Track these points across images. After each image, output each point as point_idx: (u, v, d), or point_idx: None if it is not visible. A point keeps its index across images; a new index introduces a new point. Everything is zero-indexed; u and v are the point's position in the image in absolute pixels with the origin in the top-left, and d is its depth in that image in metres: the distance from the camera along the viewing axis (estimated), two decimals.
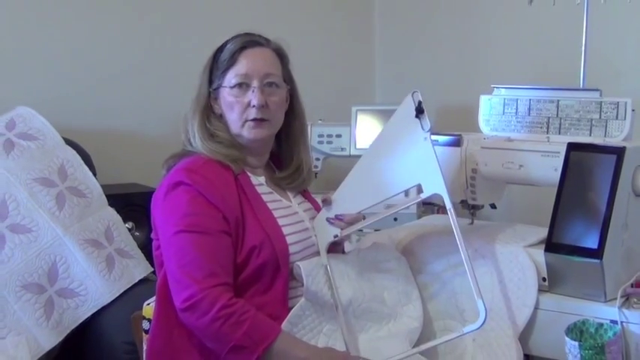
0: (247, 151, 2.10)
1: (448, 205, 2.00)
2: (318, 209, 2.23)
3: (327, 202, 2.17)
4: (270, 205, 2.07)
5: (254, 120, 2.05)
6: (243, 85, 2.05)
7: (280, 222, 2.05)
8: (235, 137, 2.08)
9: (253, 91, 2.05)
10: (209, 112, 2.09)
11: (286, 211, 2.11)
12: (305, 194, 2.25)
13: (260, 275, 1.98)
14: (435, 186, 2.02)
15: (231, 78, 2.06)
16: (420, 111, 2.05)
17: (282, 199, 2.13)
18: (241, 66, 2.06)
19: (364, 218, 2.12)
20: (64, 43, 2.96)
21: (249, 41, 2.08)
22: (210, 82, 2.09)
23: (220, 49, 2.09)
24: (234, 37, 2.09)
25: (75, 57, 2.98)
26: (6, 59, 2.87)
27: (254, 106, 2.04)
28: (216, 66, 2.08)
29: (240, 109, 2.06)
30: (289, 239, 2.03)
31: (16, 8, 2.87)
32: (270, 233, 2.00)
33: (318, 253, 2.11)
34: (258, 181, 2.11)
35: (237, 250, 1.97)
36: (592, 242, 2.06)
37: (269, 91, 2.07)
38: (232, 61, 2.06)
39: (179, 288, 1.91)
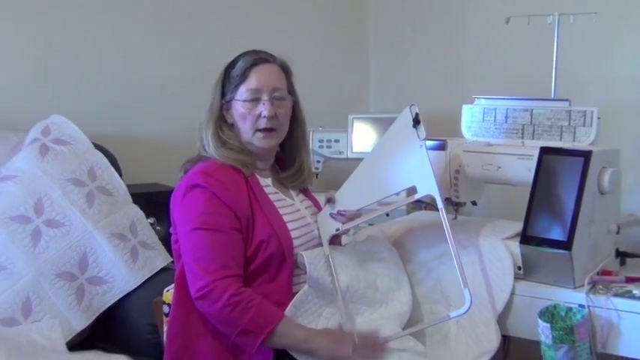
0: (256, 156, 2.10)
1: (440, 205, 2.00)
2: (317, 206, 2.23)
3: (331, 200, 2.17)
4: (276, 204, 2.08)
5: (264, 130, 2.06)
6: (254, 99, 2.06)
7: (285, 218, 2.05)
8: (246, 144, 2.08)
9: (264, 104, 2.05)
10: (221, 122, 2.09)
11: (290, 208, 2.11)
12: (306, 193, 2.25)
13: (268, 266, 1.98)
14: (428, 188, 2.03)
15: (243, 92, 2.06)
16: (416, 122, 2.05)
17: (286, 198, 2.13)
18: (252, 81, 2.06)
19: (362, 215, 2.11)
20: (93, 59, 2.97)
21: (258, 58, 2.08)
22: (223, 94, 2.09)
23: (231, 65, 2.09)
24: (243, 54, 2.09)
25: (102, 72, 2.98)
26: (42, 74, 2.87)
27: (264, 116, 2.05)
28: (228, 80, 2.08)
29: (251, 119, 2.06)
30: (293, 234, 2.04)
31: (50, 31, 2.87)
32: (276, 229, 2.00)
33: (318, 245, 2.11)
34: (266, 182, 2.11)
35: (247, 244, 1.97)
36: (562, 235, 2.07)
37: (277, 103, 2.07)
38: (244, 76, 2.06)
39: (194, 279, 1.92)
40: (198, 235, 1.94)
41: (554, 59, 2.42)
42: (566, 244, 2.05)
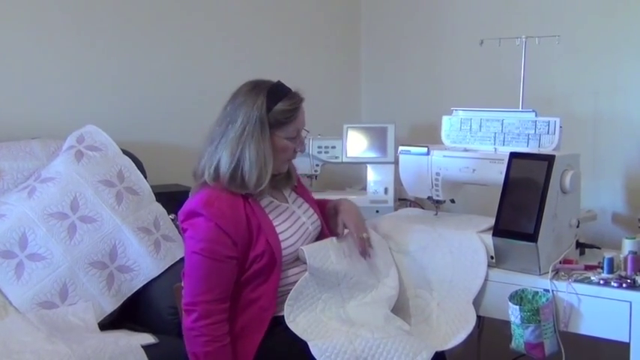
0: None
1: None
2: (309, 200, 2.19)
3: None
4: (272, 215, 2.04)
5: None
6: (296, 136, 2.04)
7: (279, 229, 2.01)
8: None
9: (300, 141, 2.05)
10: None
11: (285, 215, 2.07)
12: (297, 189, 2.20)
13: (260, 273, 1.97)
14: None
15: (291, 131, 2.01)
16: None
17: (280, 203, 2.09)
18: (298, 122, 2.03)
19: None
20: (122, 76, 2.96)
21: (299, 100, 2.04)
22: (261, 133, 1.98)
23: (270, 108, 1.98)
24: (283, 95, 2.02)
25: (130, 87, 2.98)
26: (77, 89, 2.87)
27: (299, 150, 2.06)
28: (275, 118, 1.99)
29: (290, 152, 2.04)
30: (285, 243, 2.00)
31: (85, 52, 2.87)
32: (271, 242, 1.97)
33: (311, 240, 2.09)
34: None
35: (244, 260, 1.96)
36: (529, 229, 2.06)
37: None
38: (293, 117, 2.01)
39: (186, 293, 1.94)
40: (196, 258, 1.92)
41: (522, 76, 2.41)
42: (533, 237, 2.05)
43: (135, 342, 2.17)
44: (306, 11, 3.45)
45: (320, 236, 2.15)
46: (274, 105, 1.99)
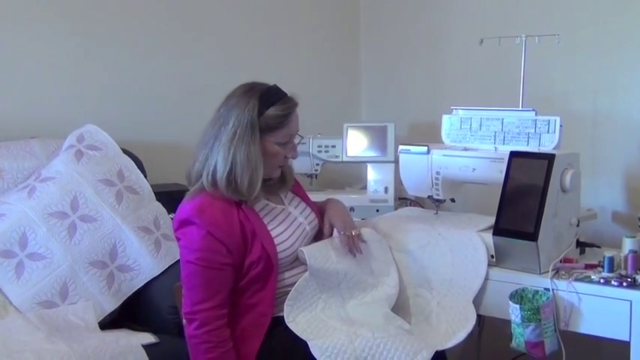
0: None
1: None
2: (306, 200, 2.17)
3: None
4: (267, 219, 2.01)
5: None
6: (288, 142, 2.01)
7: (274, 233, 2.00)
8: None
9: (292, 147, 2.02)
10: None
11: (280, 217, 2.05)
12: (294, 189, 2.18)
13: (257, 279, 1.96)
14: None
15: (282, 136, 1.99)
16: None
17: (276, 206, 2.07)
18: (290, 127, 1.99)
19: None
20: (122, 76, 2.96)
21: (293, 106, 2.00)
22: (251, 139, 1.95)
23: (262, 112, 1.95)
24: (276, 99, 1.98)
25: (130, 87, 2.98)
26: (77, 89, 2.86)
27: (291, 157, 2.03)
28: (266, 122, 1.96)
29: (281, 158, 2.02)
30: (280, 247, 1.99)
31: (85, 53, 2.87)
32: (267, 247, 1.96)
33: (309, 242, 2.08)
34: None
35: (240, 267, 1.95)
36: (529, 228, 2.06)
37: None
38: (285, 123, 1.98)
39: (185, 302, 1.94)
40: (192, 268, 1.91)
41: (522, 74, 2.41)
42: (533, 236, 2.05)
43: (135, 341, 2.17)
44: (306, 11, 3.45)
45: (318, 235, 2.14)
46: (266, 109, 1.96)
